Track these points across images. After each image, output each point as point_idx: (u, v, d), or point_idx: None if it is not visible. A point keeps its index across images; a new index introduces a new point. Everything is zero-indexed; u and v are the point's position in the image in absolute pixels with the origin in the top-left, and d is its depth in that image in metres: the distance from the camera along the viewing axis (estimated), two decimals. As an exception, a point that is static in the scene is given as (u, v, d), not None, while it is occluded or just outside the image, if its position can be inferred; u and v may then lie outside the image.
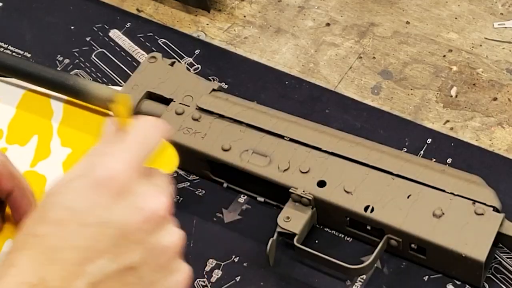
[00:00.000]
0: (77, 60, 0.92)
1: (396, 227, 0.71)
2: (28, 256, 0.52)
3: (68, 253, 0.52)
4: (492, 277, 0.72)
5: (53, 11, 0.95)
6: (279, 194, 0.75)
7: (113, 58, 0.92)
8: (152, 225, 0.54)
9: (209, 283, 0.73)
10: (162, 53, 0.87)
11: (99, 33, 0.94)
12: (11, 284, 0.51)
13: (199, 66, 0.89)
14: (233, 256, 0.75)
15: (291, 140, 0.77)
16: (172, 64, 0.85)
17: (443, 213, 0.70)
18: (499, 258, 0.73)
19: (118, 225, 0.53)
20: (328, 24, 0.93)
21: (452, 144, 0.81)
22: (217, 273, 0.74)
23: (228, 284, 0.73)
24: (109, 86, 0.86)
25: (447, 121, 0.83)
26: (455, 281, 0.71)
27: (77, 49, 0.93)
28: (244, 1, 0.95)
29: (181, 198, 0.79)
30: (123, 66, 0.91)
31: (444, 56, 0.88)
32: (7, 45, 0.93)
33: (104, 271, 0.53)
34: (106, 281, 0.53)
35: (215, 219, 0.77)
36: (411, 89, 0.86)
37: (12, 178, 0.72)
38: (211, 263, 0.75)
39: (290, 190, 0.73)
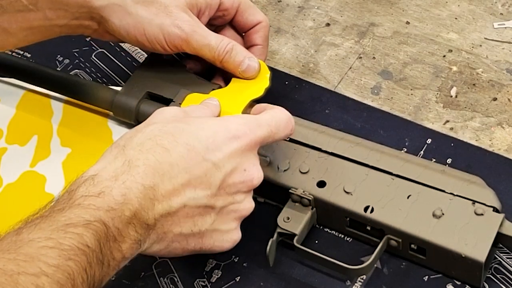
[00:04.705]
0: (77, 60, 0.92)
1: (396, 227, 0.71)
2: (152, 162, 0.63)
3: (181, 173, 0.63)
4: (492, 277, 0.72)
5: (53, 11, 0.95)
6: (279, 194, 0.75)
7: (113, 58, 0.92)
8: (243, 188, 0.67)
9: (209, 283, 0.73)
10: (162, 53, 0.87)
11: (99, 33, 0.94)
12: (130, 182, 0.61)
13: (199, 66, 0.89)
14: (233, 256, 0.75)
15: (291, 140, 0.77)
16: (172, 64, 0.85)
17: (443, 213, 0.70)
18: (499, 258, 0.73)
19: (225, 172, 0.65)
20: (328, 24, 0.93)
21: (452, 144, 0.81)
22: (217, 273, 0.74)
23: (228, 284, 0.73)
24: (109, 86, 0.86)
25: (447, 121, 0.83)
26: (455, 281, 0.71)
27: (77, 49, 0.93)
28: (244, 1, 0.95)
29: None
30: (123, 66, 0.91)
31: (444, 56, 0.88)
32: (7, 45, 0.93)
33: (197, 200, 0.65)
34: (192, 208, 0.65)
35: (215, 219, 0.77)
36: (411, 89, 0.86)
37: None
38: (211, 263, 0.75)
39: (290, 191, 0.73)
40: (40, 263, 0.55)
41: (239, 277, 0.74)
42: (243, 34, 0.84)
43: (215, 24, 0.84)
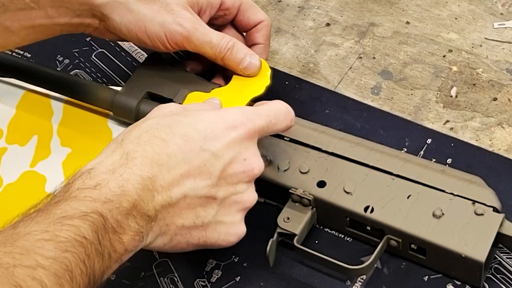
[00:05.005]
0: (77, 60, 0.92)
1: (396, 227, 0.71)
2: (149, 153, 0.63)
3: (180, 163, 0.64)
4: (492, 277, 0.72)
5: (53, 11, 0.95)
6: (279, 194, 0.75)
7: (113, 58, 0.92)
8: (245, 178, 0.67)
9: (209, 283, 0.73)
10: (162, 53, 0.87)
11: (99, 33, 0.94)
12: (128, 174, 0.61)
13: (199, 66, 0.89)
14: (233, 256, 0.75)
15: (291, 140, 0.77)
16: (172, 64, 0.85)
17: (443, 213, 0.70)
18: (499, 258, 0.73)
19: (225, 162, 0.66)
20: (328, 24, 0.93)
21: (452, 144, 0.81)
22: (217, 273, 0.74)
23: (228, 284, 0.73)
24: (109, 86, 0.86)
25: (447, 121, 0.83)
26: (455, 281, 0.71)
27: (77, 49, 0.93)
28: (244, 1, 0.95)
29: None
30: (123, 66, 0.91)
31: (444, 56, 0.88)
32: (7, 45, 0.93)
33: (197, 191, 0.64)
34: (193, 198, 0.64)
35: (215, 219, 0.77)
36: (411, 89, 0.86)
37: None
38: (211, 263, 0.75)
39: (290, 191, 0.73)
40: (37, 256, 0.55)
41: (239, 277, 0.74)
42: (245, 33, 0.85)
43: (217, 24, 0.84)
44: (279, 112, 0.70)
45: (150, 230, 0.63)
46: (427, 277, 0.72)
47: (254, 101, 0.77)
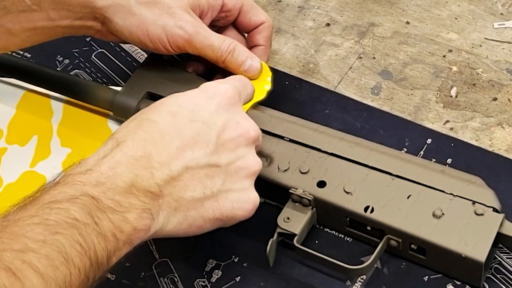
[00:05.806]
0: (77, 60, 0.92)
1: (396, 227, 0.71)
2: (141, 135, 0.64)
3: (174, 138, 0.64)
4: (492, 277, 0.72)
5: (53, 11, 0.95)
6: (279, 194, 0.75)
7: (113, 58, 0.92)
8: (243, 141, 0.67)
9: (209, 283, 0.73)
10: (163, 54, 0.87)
11: (99, 33, 0.94)
12: (119, 156, 0.62)
13: (199, 66, 0.89)
14: (233, 256, 0.75)
15: (291, 140, 0.77)
16: (172, 64, 0.85)
17: (443, 214, 0.70)
18: (499, 258, 0.73)
19: (218, 129, 0.66)
20: (328, 24, 0.93)
21: (452, 144, 0.81)
22: (217, 273, 0.74)
23: (228, 284, 0.73)
24: (109, 86, 0.86)
25: (447, 121, 0.83)
26: (455, 281, 0.71)
27: (77, 49, 0.93)
28: (244, 1, 0.95)
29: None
30: (123, 66, 0.91)
31: (444, 56, 0.88)
32: (7, 45, 0.93)
33: (198, 160, 0.65)
34: (196, 169, 0.65)
35: (215, 219, 0.77)
36: (411, 89, 0.86)
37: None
38: (211, 263, 0.75)
39: (290, 191, 0.73)
40: (26, 240, 0.55)
41: (239, 277, 0.74)
42: (246, 34, 0.85)
43: (218, 26, 0.84)
44: (241, 78, 0.72)
45: (159, 208, 0.63)
46: (427, 277, 0.72)
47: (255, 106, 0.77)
